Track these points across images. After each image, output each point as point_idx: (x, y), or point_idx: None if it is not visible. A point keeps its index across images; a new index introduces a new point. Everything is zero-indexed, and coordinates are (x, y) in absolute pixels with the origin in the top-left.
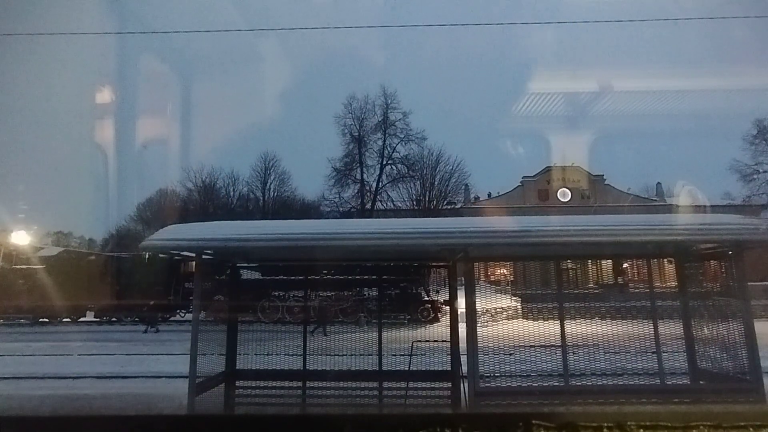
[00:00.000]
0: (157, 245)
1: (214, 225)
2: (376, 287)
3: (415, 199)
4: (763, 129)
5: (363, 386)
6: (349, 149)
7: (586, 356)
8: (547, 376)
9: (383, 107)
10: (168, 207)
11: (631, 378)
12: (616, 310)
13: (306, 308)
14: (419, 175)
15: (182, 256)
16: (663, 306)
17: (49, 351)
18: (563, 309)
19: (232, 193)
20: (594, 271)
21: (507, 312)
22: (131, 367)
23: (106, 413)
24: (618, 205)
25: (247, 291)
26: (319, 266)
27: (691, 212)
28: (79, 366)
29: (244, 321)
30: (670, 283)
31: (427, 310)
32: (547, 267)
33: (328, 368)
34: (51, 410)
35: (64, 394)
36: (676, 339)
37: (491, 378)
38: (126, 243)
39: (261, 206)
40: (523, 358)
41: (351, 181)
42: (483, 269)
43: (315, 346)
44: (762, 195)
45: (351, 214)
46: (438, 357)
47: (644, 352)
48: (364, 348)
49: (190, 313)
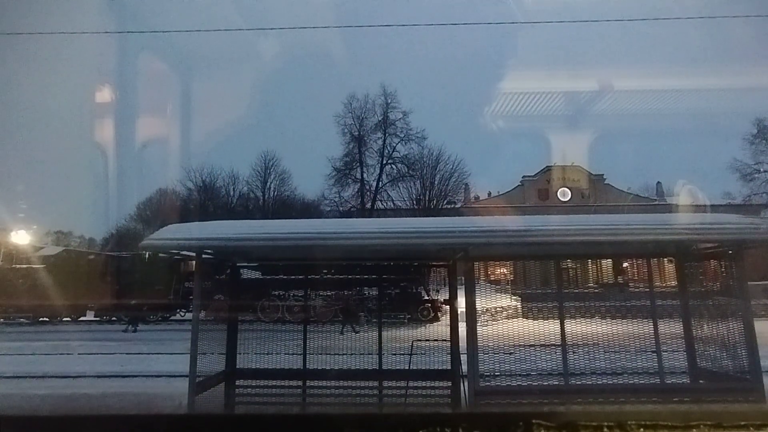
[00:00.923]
0: (157, 245)
1: (214, 224)
2: (376, 287)
3: (415, 198)
4: (763, 128)
5: (363, 385)
6: (349, 148)
7: (586, 355)
8: (547, 376)
9: (383, 106)
10: (168, 206)
11: (632, 377)
12: (616, 310)
13: (306, 307)
14: (419, 175)
15: (182, 255)
16: (663, 305)
17: (48, 350)
18: (563, 308)
19: (232, 192)
20: (594, 271)
21: (507, 311)
22: (130, 366)
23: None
24: (618, 205)
25: (247, 290)
26: (319, 266)
27: (691, 211)
28: (78, 365)
29: (244, 320)
30: (670, 282)
31: (427, 310)
32: (547, 266)
33: (328, 367)
34: (51, 409)
35: (63, 394)
36: (676, 338)
37: (491, 377)
38: (126, 242)
39: (261, 205)
40: (523, 358)
41: (351, 181)
42: (483, 269)
43: (315, 345)
44: (762, 194)
45: (351, 214)
46: (438, 356)
47: (644, 352)
48: (364, 347)
49: (191, 312)
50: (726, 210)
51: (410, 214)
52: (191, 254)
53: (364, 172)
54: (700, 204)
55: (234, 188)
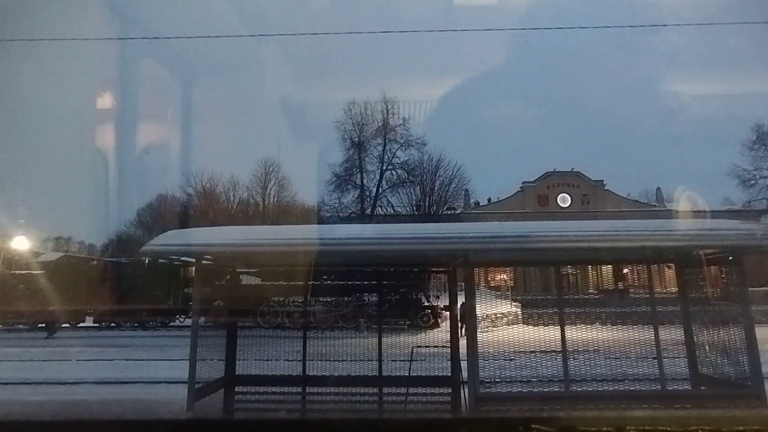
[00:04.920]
0: (157, 250)
1: (214, 230)
2: (376, 293)
3: (415, 204)
4: (763, 134)
5: (363, 392)
6: (349, 154)
7: (587, 362)
8: (548, 382)
9: (383, 112)
10: (168, 212)
11: (632, 383)
12: (617, 316)
13: (306, 313)
14: (419, 181)
15: (182, 261)
16: (663, 311)
17: (47, 356)
18: (563, 314)
19: (232, 198)
20: (594, 277)
21: (507, 317)
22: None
23: (106, 418)
24: (618, 211)
25: (246, 296)
26: (319, 272)
27: (690, 217)
28: (77, 372)
29: (243, 326)
30: (670, 288)
31: (427, 316)
32: (547, 272)
33: (328, 374)
34: (50, 415)
35: (62, 400)
36: (677, 344)
37: (491, 383)
38: (126, 248)
39: (261, 211)
40: (523, 364)
41: (351, 187)
42: (483, 275)
43: (314, 351)
44: (762, 200)
45: (351, 220)
46: (438, 362)
47: (645, 358)
48: (363, 353)
49: (190, 318)
50: (726, 216)
51: (410, 220)
52: (191, 260)
53: (364, 178)
54: (700, 210)
55: (234, 194)
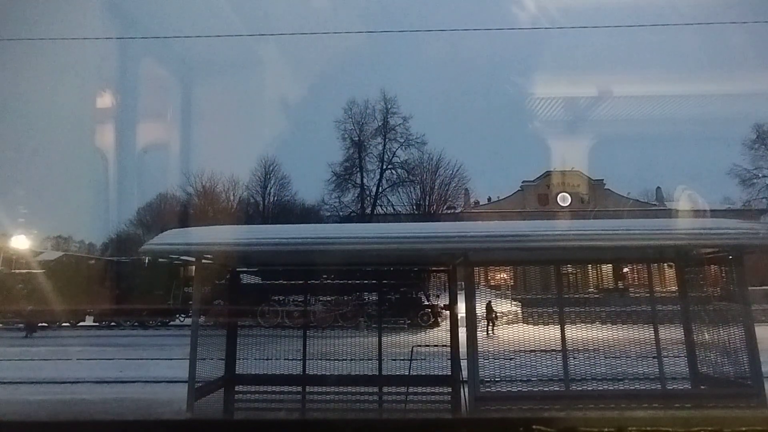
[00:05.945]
0: (157, 250)
1: (214, 230)
2: (376, 292)
3: (415, 203)
4: (762, 134)
5: (363, 391)
6: (349, 154)
7: (587, 361)
8: (548, 381)
9: (383, 112)
10: (168, 211)
11: (632, 383)
12: (617, 315)
13: (306, 313)
14: (419, 180)
15: (182, 260)
16: (663, 310)
17: (47, 356)
18: (563, 313)
19: (232, 197)
20: (594, 276)
21: (507, 316)
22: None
23: (106, 418)
24: (618, 210)
25: (246, 295)
26: (319, 271)
27: (690, 217)
28: (77, 371)
29: (243, 326)
30: (670, 287)
31: (427, 315)
32: (548, 272)
33: (328, 373)
34: (50, 414)
35: (62, 399)
36: (677, 344)
37: (491, 383)
38: (126, 247)
39: (261, 211)
40: (523, 363)
41: (351, 186)
42: (483, 274)
43: (314, 350)
44: (762, 199)
45: (351, 219)
46: (438, 362)
47: (645, 357)
48: (364, 353)
49: (190, 317)
50: (725, 215)
51: (410, 219)
52: (191, 259)
53: (364, 177)
54: (700, 209)
55: (234, 193)
